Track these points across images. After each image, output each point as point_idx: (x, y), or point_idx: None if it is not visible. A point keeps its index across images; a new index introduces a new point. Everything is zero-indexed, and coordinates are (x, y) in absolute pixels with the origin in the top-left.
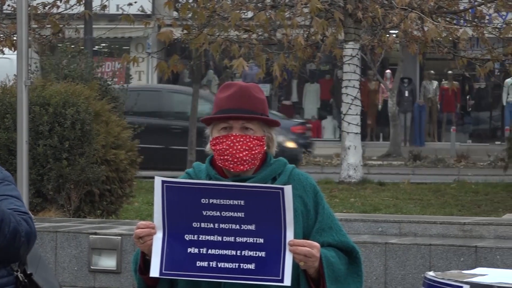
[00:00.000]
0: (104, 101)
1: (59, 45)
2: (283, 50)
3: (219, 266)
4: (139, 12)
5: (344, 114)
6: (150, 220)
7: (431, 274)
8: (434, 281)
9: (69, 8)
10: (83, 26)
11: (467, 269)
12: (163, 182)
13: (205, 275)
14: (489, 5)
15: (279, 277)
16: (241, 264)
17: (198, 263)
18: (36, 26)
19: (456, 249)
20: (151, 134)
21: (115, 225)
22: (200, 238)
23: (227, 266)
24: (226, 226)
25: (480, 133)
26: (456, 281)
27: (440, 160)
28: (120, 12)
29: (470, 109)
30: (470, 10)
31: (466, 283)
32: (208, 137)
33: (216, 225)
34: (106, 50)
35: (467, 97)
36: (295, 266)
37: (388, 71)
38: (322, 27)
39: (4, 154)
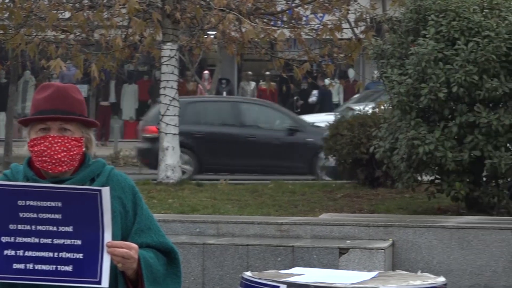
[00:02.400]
0: None
1: None
2: (101, 50)
3: (36, 268)
4: None
5: (162, 115)
6: None
7: (248, 274)
8: (251, 281)
9: None
10: None
11: (284, 269)
12: None
13: (21, 278)
14: (306, 6)
15: (96, 279)
16: (58, 266)
17: (15, 266)
18: None
19: (273, 249)
20: None
21: None
22: (17, 240)
23: (44, 268)
24: (44, 228)
25: None
26: (273, 280)
27: None
28: None
29: (299, 110)
30: (287, 12)
31: (283, 282)
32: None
33: (33, 227)
34: None
35: (295, 98)
36: (113, 267)
37: (206, 72)
38: (140, 28)
39: None
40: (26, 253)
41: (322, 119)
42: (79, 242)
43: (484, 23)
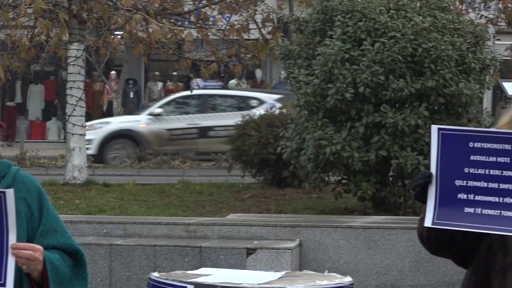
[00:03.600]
0: None
1: None
2: (7, 50)
3: None
4: None
5: (69, 116)
6: None
7: (155, 275)
8: (159, 282)
9: None
10: None
11: (192, 269)
12: None
13: None
14: (213, 7)
15: (1, 281)
16: None
17: None
18: None
19: (180, 250)
20: None
21: None
22: None
23: None
24: None
25: None
26: (180, 281)
27: (165, 161)
28: None
29: None
30: (194, 12)
31: (190, 283)
32: None
33: None
34: None
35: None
36: (18, 269)
37: (113, 72)
38: (47, 28)
39: None
40: None
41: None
42: None
43: (390, 24)
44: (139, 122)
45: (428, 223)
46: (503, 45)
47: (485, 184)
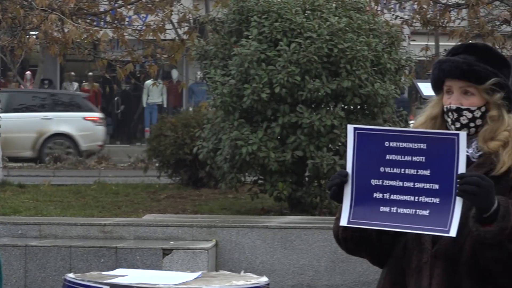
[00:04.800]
0: None
1: None
2: None
3: None
4: None
5: None
6: None
7: (71, 276)
8: (74, 283)
9: None
10: None
11: (108, 270)
12: None
13: None
14: (129, 7)
15: None
16: None
17: None
18: None
19: (96, 251)
20: None
21: None
22: None
23: None
24: None
25: (122, 135)
26: (96, 282)
27: (80, 161)
28: None
29: (119, 110)
30: (110, 12)
31: (106, 284)
32: None
33: None
34: None
35: (115, 98)
36: None
37: (28, 72)
38: None
39: None
40: None
41: None
42: None
43: (306, 24)
44: None
45: (343, 222)
46: (418, 45)
47: (400, 183)
